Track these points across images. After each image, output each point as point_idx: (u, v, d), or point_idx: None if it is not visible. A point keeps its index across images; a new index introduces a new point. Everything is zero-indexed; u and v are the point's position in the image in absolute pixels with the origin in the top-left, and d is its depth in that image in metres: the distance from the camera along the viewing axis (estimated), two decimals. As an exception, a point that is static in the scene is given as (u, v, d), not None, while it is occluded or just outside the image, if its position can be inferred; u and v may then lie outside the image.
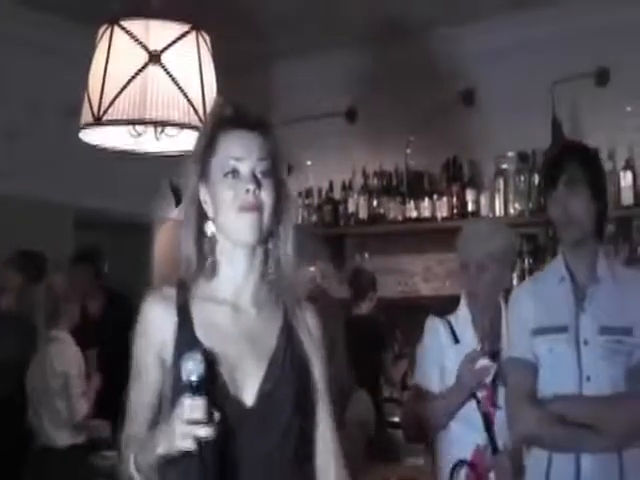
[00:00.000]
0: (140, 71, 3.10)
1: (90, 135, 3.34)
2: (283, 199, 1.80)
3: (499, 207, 5.40)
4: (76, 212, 5.56)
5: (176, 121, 3.10)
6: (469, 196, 5.50)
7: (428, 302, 5.33)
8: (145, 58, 3.12)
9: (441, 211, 5.57)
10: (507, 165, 5.43)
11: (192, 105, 3.10)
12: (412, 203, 5.67)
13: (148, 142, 3.31)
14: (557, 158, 2.57)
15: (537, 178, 5.15)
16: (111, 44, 3.17)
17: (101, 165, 4.75)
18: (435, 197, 5.61)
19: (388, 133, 5.83)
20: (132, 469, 1.67)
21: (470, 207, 5.48)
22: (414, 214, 5.67)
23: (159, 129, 3.21)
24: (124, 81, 3.09)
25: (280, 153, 1.81)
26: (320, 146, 5.95)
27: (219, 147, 1.77)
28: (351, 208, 5.92)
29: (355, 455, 3.01)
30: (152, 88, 3.09)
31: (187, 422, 1.52)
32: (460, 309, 2.96)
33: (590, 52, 5.11)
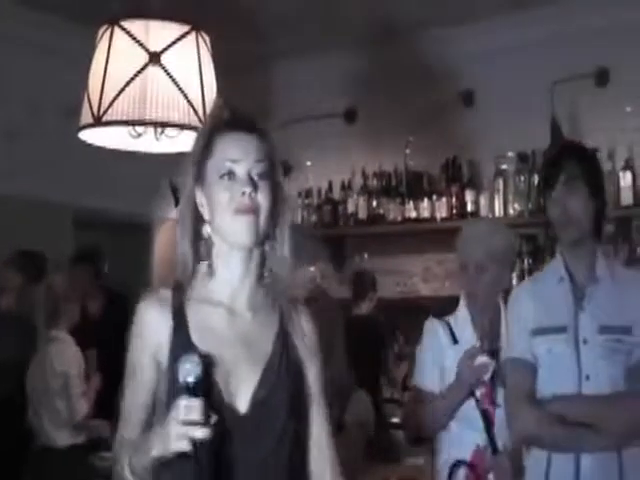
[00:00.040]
0: (140, 72, 3.10)
1: (90, 135, 3.34)
2: (280, 201, 1.78)
3: (498, 207, 5.40)
4: (76, 212, 5.56)
5: (176, 122, 3.09)
6: (468, 196, 5.50)
7: (427, 302, 5.33)
8: (145, 59, 3.11)
9: (440, 211, 5.57)
10: (507, 165, 5.43)
11: (192, 106, 3.10)
12: (411, 203, 5.68)
13: (148, 143, 3.31)
14: (556, 158, 2.57)
15: (537, 178, 5.14)
16: (111, 44, 3.16)
17: (101, 165, 4.75)
18: (434, 197, 5.61)
19: (387, 133, 5.83)
20: (127, 471, 1.67)
21: (469, 207, 5.49)
22: (413, 214, 5.67)
23: (159, 130, 3.20)
24: (124, 81, 3.08)
25: (277, 155, 1.79)
26: (320, 146, 5.95)
27: (215, 149, 1.76)
28: (350, 208, 5.92)
29: (355, 455, 3.01)
30: (152, 89, 3.08)
31: (183, 423, 1.51)
32: (459, 310, 2.96)
33: (590, 52, 5.11)
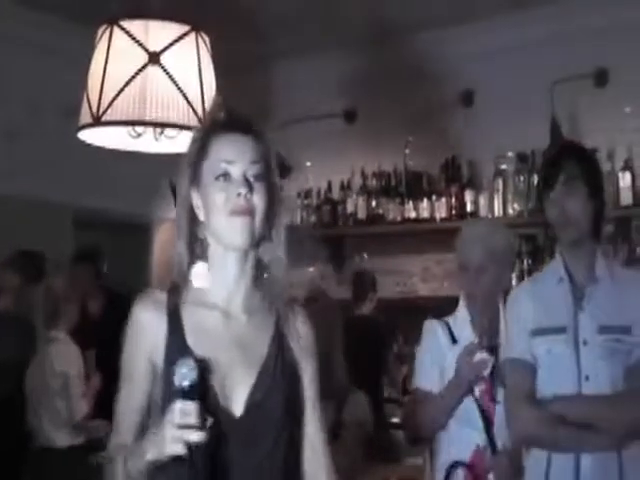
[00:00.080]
0: (139, 72, 3.09)
1: (89, 135, 3.33)
2: (275, 203, 1.77)
3: (498, 207, 5.40)
4: (76, 212, 5.56)
5: (175, 122, 3.08)
6: (468, 196, 5.50)
7: (426, 302, 5.34)
8: (144, 59, 3.10)
9: (440, 212, 5.57)
10: (506, 165, 5.43)
11: (191, 106, 3.09)
12: (411, 204, 5.68)
13: (147, 143, 3.31)
14: (555, 158, 2.57)
15: (536, 178, 5.14)
16: (110, 44, 3.16)
17: (101, 165, 4.75)
18: (434, 198, 5.61)
19: (387, 133, 5.83)
20: (121, 475, 1.66)
21: (469, 207, 5.49)
22: (413, 214, 5.67)
23: (158, 130, 3.20)
24: (123, 82, 3.08)
25: (273, 156, 1.78)
26: (319, 146, 5.95)
27: (211, 150, 1.75)
28: (350, 209, 5.92)
29: (353, 455, 3.02)
30: (151, 89, 3.08)
31: (178, 427, 1.51)
32: (459, 310, 2.96)
33: (589, 53, 5.12)
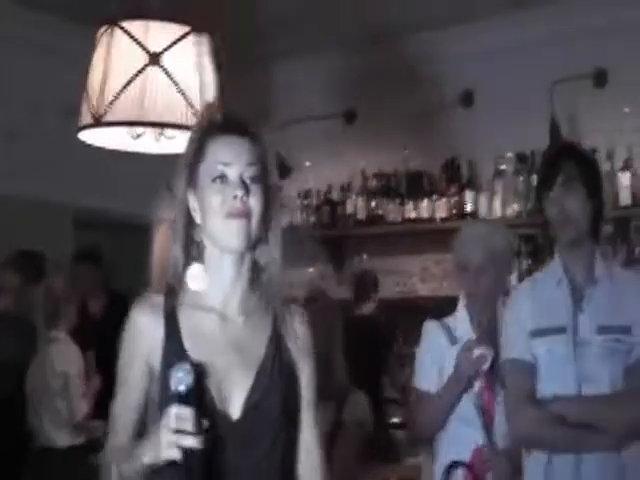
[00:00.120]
0: (139, 72, 3.08)
1: (89, 136, 3.33)
2: (272, 205, 1.76)
3: (498, 208, 5.40)
4: (76, 212, 5.56)
5: (175, 123, 3.09)
6: (468, 197, 5.50)
7: (426, 302, 5.35)
8: (145, 59, 3.10)
9: (440, 212, 5.57)
10: (506, 166, 5.43)
11: (191, 107, 3.10)
12: (411, 204, 5.68)
13: (147, 143, 3.31)
14: (554, 158, 2.58)
15: (536, 179, 5.14)
16: (111, 45, 3.16)
17: (101, 165, 4.74)
18: (434, 198, 5.61)
19: (387, 134, 5.83)
20: (116, 477, 1.66)
21: (469, 208, 5.49)
22: (413, 215, 5.67)
23: (158, 130, 3.20)
24: (123, 82, 3.07)
25: (269, 158, 1.78)
26: (319, 147, 5.95)
27: (207, 152, 1.75)
28: (350, 209, 5.92)
29: (353, 455, 3.02)
30: (151, 89, 3.07)
31: (174, 431, 1.51)
32: (458, 310, 2.97)
33: (588, 53, 5.12)
